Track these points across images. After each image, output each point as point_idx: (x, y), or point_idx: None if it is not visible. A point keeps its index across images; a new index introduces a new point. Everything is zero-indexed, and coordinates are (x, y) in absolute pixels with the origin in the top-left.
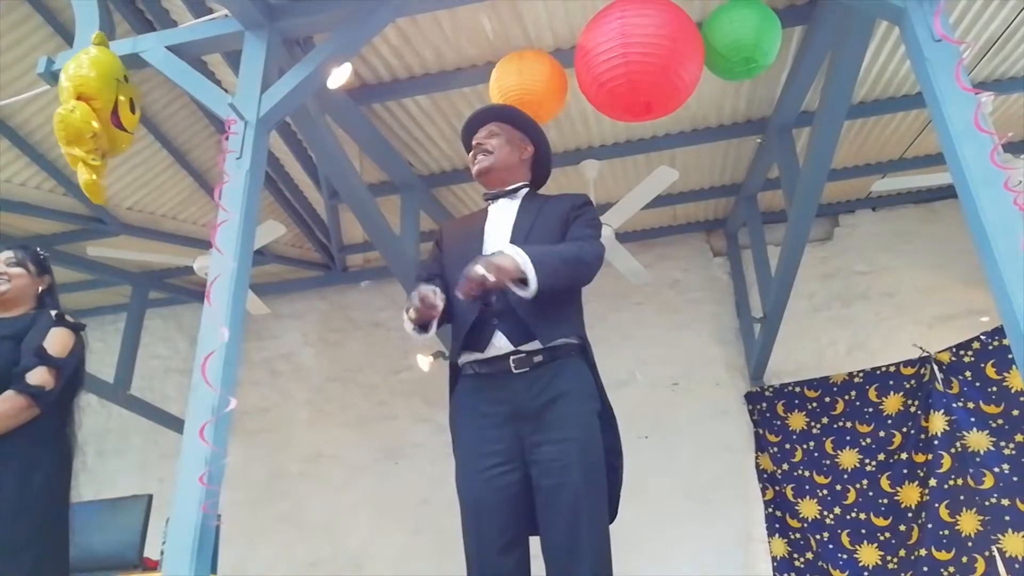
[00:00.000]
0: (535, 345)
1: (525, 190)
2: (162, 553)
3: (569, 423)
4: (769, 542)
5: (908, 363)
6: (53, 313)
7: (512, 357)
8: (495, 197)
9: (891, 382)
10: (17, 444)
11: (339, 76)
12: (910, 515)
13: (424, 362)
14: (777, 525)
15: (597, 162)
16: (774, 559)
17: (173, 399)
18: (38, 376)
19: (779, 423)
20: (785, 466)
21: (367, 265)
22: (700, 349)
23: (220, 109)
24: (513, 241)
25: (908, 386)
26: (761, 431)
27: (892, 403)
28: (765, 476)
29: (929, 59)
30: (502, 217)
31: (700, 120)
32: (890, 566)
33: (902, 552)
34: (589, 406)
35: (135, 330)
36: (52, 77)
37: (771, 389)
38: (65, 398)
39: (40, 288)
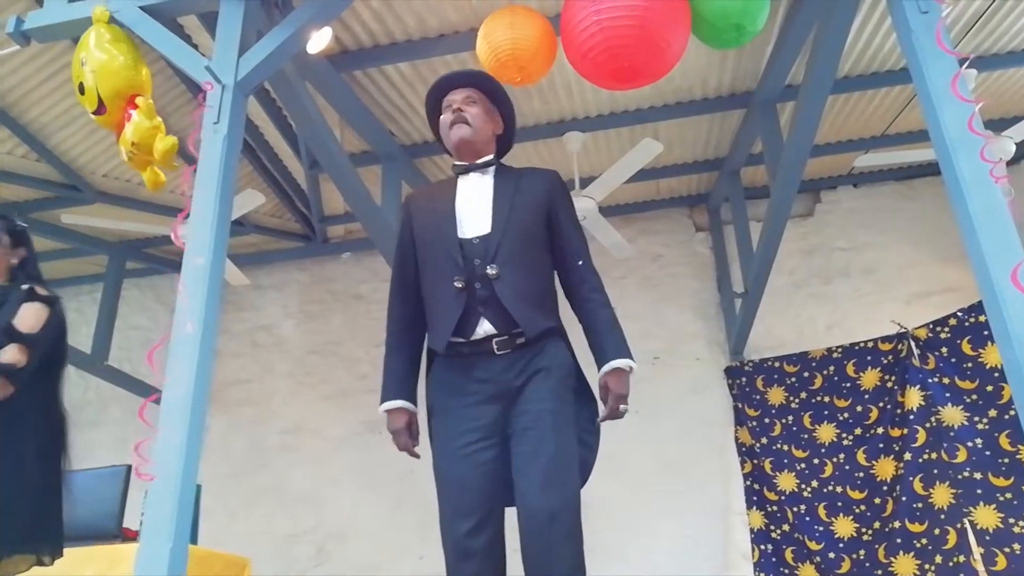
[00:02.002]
0: (519, 328)
1: (495, 165)
2: (141, 523)
3: (544, 396)
4: (747, 514)
5: (886, 339)
6: (24, 287)
7: (495, 339)
8: (466, 170)
9: (869, 358)
10: (5, 420)
11: (319, 41)
12: (885, 488)
13: None
14: (755, 498)
15: (581, 134)
16: (752, 531)
17: (150, 371)
18: (8, 355)
19: (758, 398)
20: (764, 440)
21: (348, 236)
22: (681, 324)
23: (197, 72)
24: (495, 224)
25: (885, 362)
26: (740, 405)
27: (869, 378)
28: (744, 450)
29: (914, 29)
30: (475, 194)
31: (685, 93)
32: (865, 538)
33: (877, 524)
34: (567, 383)
35: (112, 300)
36: (22, 37)
37: (751, 364)
38: (51, 371)
39: (13, 261)
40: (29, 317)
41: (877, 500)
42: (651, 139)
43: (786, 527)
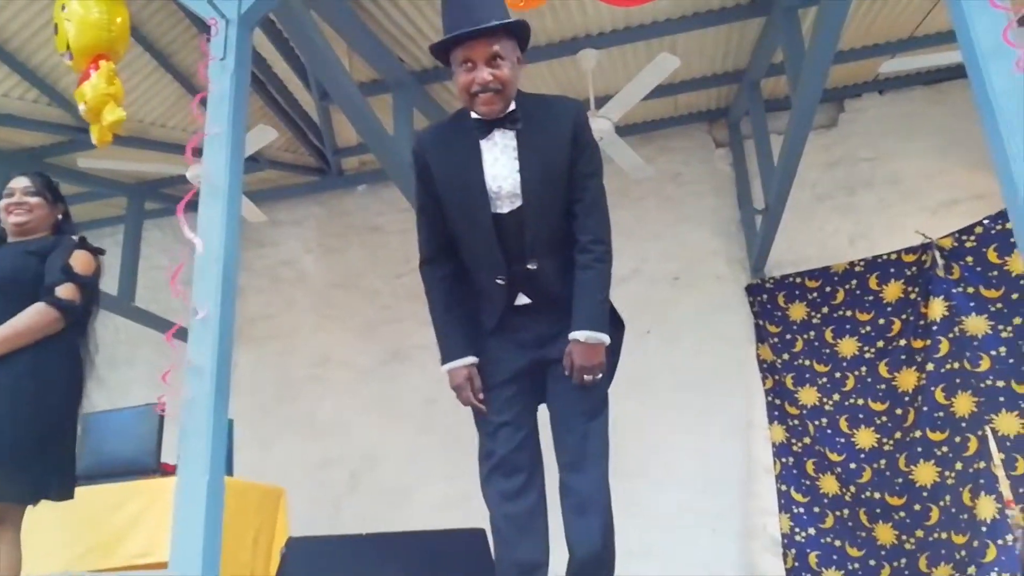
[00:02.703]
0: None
1: (518, 119)
2: (179, 458)
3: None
4: (768, 429)
5: (909, 250)
6: (75, 237)
7: (531, 305)
8: (488, 129)
9: (892, 270)
10: (39, 358)
11: None
12: (907, 399)
13: None
14: (776, 413)
15: (595, 51)
16: (773, 445)
17: (177, 309)
18: (66, 291)
19: (779, 314)
20: (785, 356)
21: (363, 168)
22: (701, 243)
23: (199, 8)
24: (526, 196)
25: (909, 273)
26: (761, 322)
27: (892, 291)
28: (765, 366)
29: None
30: (503, 162)
31: (702, 3)
32: (886, 448)
33: (898, 434)
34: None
35: (134, 241)
36: None
37: (772, 281)
38: (84, 317)
39: (57, 216)
40: (81, 262)
41: (899, 411)
42: (667, 53)
43: (807, 440)
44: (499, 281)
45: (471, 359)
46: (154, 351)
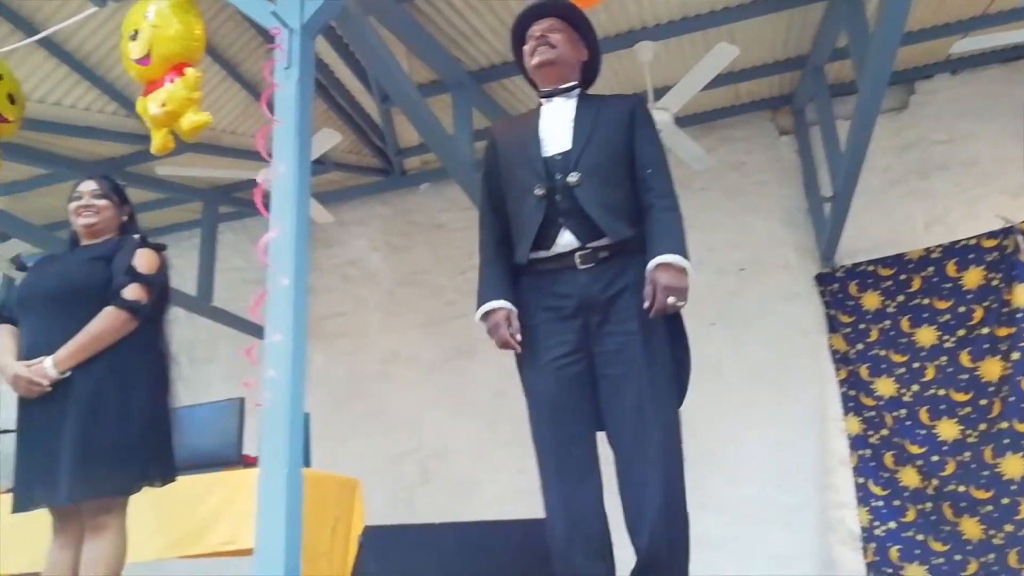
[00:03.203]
0: (602, 241)
1: (578, 90)
2: (260, 451)
3: (634, 315)
4: (844, 420)
5: (990, 235)
6: (137, 236)
7: (577, 253)
8: (550, 95)
9: (971, 255)
10: (118, 358)
11: None
12: (991, 389)
13: None
14: (851, 404)
15: (651, 43)
16: (849, 437)
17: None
18: (133, 291)
19: (852, 303)
20: (859, 346)
21: (425, 167)
22: (768, 232)
23: (264, 19)
24: (576, 140)
25: (989, 259)
26: (833, 312)
27: (972, 277)
28: (838, 357)
29: None
30: (558, 116)
31: None
32: (970, 440)
33: (983, 426)
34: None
35: (210, 244)
36: None
37: (843, 270)
38: (156, 313)
39: (123, 218)
40: (145, 260)
41: (983, 401)
42: (726, 43)
43: (885, 432)
44: (537, 192)
45: (501, 302)
46: (232, 348)
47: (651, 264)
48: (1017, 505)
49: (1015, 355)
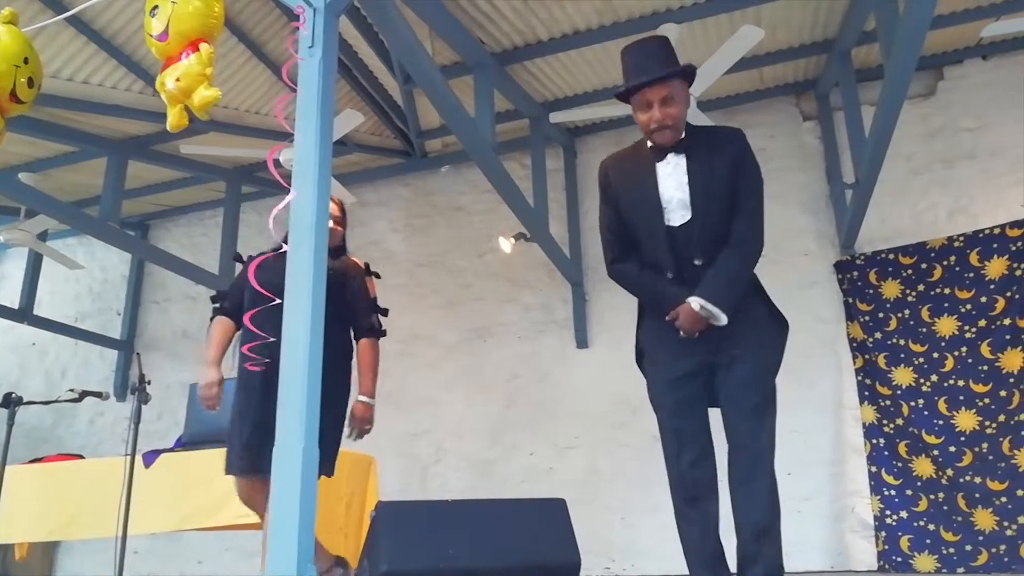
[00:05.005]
0: None
1: (685, 144)
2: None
3: (749, 338)
4: (859, 409)
5: (1015, 224)
6: (362, 264)
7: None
8: (663, 154)
9: (995, 245)
10: (339, 368)
11: None
12: (1012, 381)
13: (506, 244)
14: (867, 393)
15: (676, 26)
16: (864, 425)
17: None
18: (379, 321)
19: (871, 292)
20: (878, 335)
21: (446, 150)
22: (788, 219)
23: None
24: (695, 212)
25: (1014, 249)
26: (851, 300)
27: (995, 267)
28: (855, 345)
29: None
30: (674, 179)
31: None
32: (988, 431)
33: (1002, 417)
34: (763, 321)
35: (233, 223)
36: None
37: (863, 257)
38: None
39: (345, 236)
40: (375, 290)
41: (1003, 393)
42: (751, 25)
43: (900, 421)
44: (668, 275)
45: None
46: None
47: (688, 299)
48: None
49: None
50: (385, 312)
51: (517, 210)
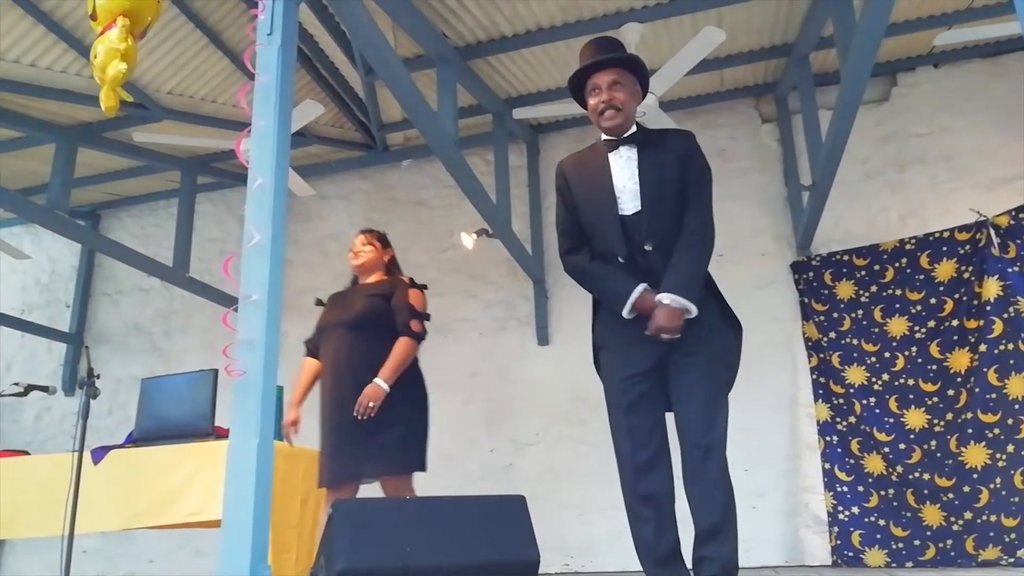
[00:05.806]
0: None
1: (636, 131)
2: (231, 422)
3: (700, 338)
4: (813, 407)
5: (963, 228)
6: (407, 278)
7: None
8: (615, 145)
9: (944, 248)
10: (411, 371)
11: None
12: (959, 380)
13: (468, 240)
14: (821, 391)
15: (639, 25)
16: (818, 423)
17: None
18: (417, 325)
19: (826, 292)
20: (832, 334)
21: (408, 143)
22: (747, 220)
23: None
24: (644, 202)
25: (962, 252)
26: (807, 300)
27: (944, 270)
28: (811, 344)
29: None
30: (626, 171)
31: None
32: (936, 429)
33: (949, 416)
34: (713, 321)
35: (188, 214)
36: None
37: (818, 258)
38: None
39: (386, 259)
40: (418, 299)
41: (950, 392)
42: (713, 27)
43: (852, 419)
44: (620, 260)
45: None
46: (207, 319)
47: (657, 296)
48: (978, 493)
49: (982, 347)
50: (427, 317)
51: (479, 206)
